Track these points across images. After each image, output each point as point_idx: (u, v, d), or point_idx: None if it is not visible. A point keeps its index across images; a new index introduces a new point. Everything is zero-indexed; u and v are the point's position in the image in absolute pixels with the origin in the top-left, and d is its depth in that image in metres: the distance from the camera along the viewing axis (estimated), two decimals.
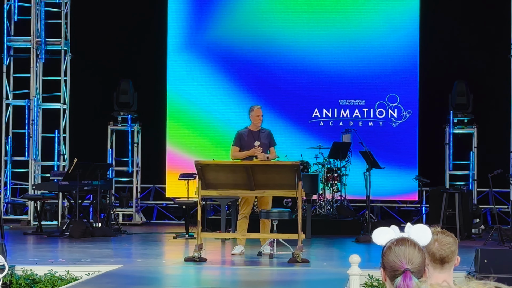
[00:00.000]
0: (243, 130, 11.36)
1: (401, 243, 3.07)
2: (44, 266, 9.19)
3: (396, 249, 3.04)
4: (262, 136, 11.26)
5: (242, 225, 11.03)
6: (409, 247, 3.05)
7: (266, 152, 11.20)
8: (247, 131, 11.31)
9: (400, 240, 3.08)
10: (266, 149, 11.22)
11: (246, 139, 11.24)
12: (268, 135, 11.33)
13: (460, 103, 15.05)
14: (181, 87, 15.73)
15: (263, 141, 11.22)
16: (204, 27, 15.75)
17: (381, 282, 8.16)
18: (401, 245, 3.05)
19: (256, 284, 8.98)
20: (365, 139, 13.78)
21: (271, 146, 11.28)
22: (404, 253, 3.02)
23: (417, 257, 3.04)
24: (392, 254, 3.04)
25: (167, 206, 16.31)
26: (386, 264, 3.06)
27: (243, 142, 11.27)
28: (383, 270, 3.10)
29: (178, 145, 15.68)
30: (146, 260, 10.35)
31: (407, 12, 15.36)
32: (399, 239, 3.08)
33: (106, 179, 14.03)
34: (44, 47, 15.49)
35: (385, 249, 3.08)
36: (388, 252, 3.06)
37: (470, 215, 13.33)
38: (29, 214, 15.32)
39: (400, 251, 3.03)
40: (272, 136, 11.38)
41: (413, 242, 3.07)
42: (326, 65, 15.47)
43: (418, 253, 3.04)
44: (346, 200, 14.57)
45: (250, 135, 11.26)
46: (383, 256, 3.09)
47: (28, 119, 15.46)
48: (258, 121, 11.28)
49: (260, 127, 11.33)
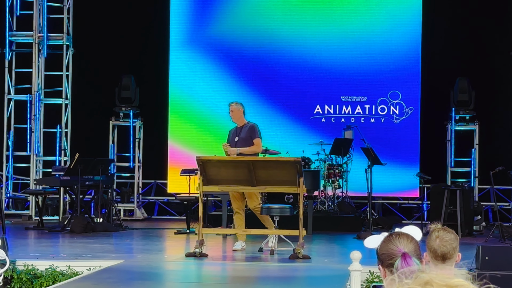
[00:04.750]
0: (233, 128, 11.40)
1: (393, 234, 3.13)
2: (45, 261, 9.20)
3: (391, 239, 3.10)
4: (243, 131, 11.22)
5: (237, 221, 11.03)
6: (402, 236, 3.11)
7: (249, 145, 11.11)
8: (235, 128, 11.34)
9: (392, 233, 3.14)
10: (248, 142, 11.13)
11: (231, 136, 11.29)
12: (250, 128, 11.18)
13: (462, 100, 15.03)
14: (183, 83, 15.73)
15: (243, 136, 11.16)
16: (206, 23, 15.74)
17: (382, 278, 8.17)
18: (394, 236, 3.11)
19: (257, 280, 8.98)
20: (366, 135, 13.78)
21: (253, 139, 11.17)
22: (399, 241, 3.08)
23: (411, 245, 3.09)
24: (387, 243, 3.09)
25: (169, 202, 16.32)
26: (382, 256, 3.08)
27: (229, 138, 11.31)
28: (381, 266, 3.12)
29: (180, 140, 15.68)
30: (147, 256, 10.35)
31: (409, 9, 15.35)
32: (390, 233, 3.15)
33: (108, 175, 14.03)
34: (46, 42, 15.49)
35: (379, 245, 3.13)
36: (383, 244, 3.11)
37: (472, 212, 13.33)
38: (31, 209, 15.33)
39: (394, 239, 3.09)
40: (254, 129, 11.14)
41: (405, 233, 3.13)
42: (328, 61, 15.46)
43: (411, 242, 3.10)
44: (347, 196, 14.57)
45: (235, 131, 11.29)
46: (378, 252, 3.12)
47: (30, 114, 15.47)
48: (231, 118, 11.28)
49: (245, 121, 11.25)
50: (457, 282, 2.06)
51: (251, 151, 11.00)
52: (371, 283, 8.36)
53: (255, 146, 11.10)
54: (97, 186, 13.47)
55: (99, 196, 13.51)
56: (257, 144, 11.13)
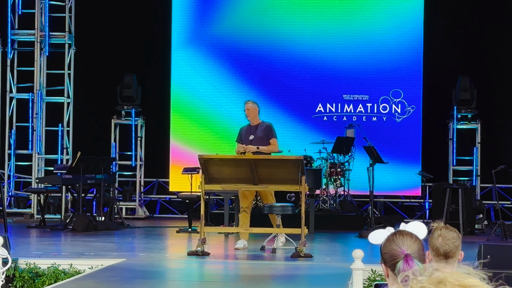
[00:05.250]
0: (245, 126, 11.37)
1: (397, 233, 3.09)
2: (47, 259, 9.20)
3: (394, 239, 3.07)
4: (259, 130, 11.21)
5: (242, 219, 11.02)
6: (406, 236, 3.07)
7: (264, 144, 11.13)
8: (248, 126, 11.31)
9: (396, 232, 3.11)
10: (263, 141, 11.15)
11: (244, 134, 11.26)
12: (266, 128, 11.23)
13: (464, 99, 15.02)
14: (185, 81, 15.73)
15: (259, 135, 11.16)
16: (208, 22, 15.74)
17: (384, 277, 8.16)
18: (398, 235, 3.08)
19: (259, 279, 8.98)
20: (368, 134, 13.77)
21: (269, 139, 11.20)
22: (403, 241, 3.04)
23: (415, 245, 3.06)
24: (390, 243, 3.07)
25: (170, 200, 16.32)
26: (385, 255, 3.07)
27: (241, 136, 11.29)
28: (384, 265, 3.10)
29: (182, 139, 15.68)
30: (149, 254, 10.36)
31: (411, 7, 15.34)
32: (395, 232, 3.11)
33: (110, 173, 14.04)
34: (48, 41, 15.50)
35: (383, 243, 3.10)
36: (386, 243, 3.08)
37: (474, 210, 13.32)
38: (33, 207, 15.33)
39: (398, 239, 3.05)
40: (271, 129, 11.23)
41: (409, 233, 3.09)
42: (330, 60, 15.46)
43: (415, 242, 3.07)
44: (349, 195, 14.57)
45: (248, 129, 11.27)
46: (381, 250, 3.10)
47: (32, 113, 15.47)
48: (246, 116, 11.27)
49: (259, 121, 11.27)
50: (471, 282, 2.02)
51: (269, 151, 11.06)
52: (373, 282, 8.36)
53: (272, 145, 11.17)
54: (99, 184, 13.47)
55: (101, 194, 13.52)
56: (274, 144, 11.20)
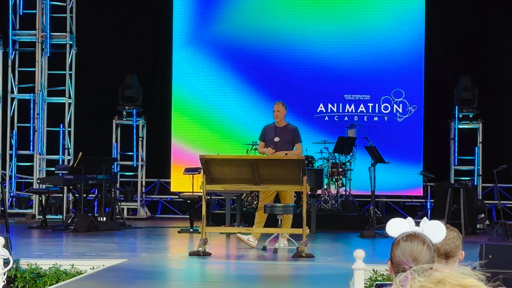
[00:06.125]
0: (270, 125, 11.38)
1: (410, 239, 2.98)
2: (49, 260, 9.20)
3: (404, 245, 2.97)
4: (284, 133, 11.22)
5: (258, 217, 11.04)
6: (418, 244, 2.96)
7: (289, 148, 11.17)
8: (274, 126, 11.32)
9: (410, 236, 2.99)
10: (289, 145, 11.20)
11: (268, 134, 11.28)
12: (292, 131, 11.26)
13: (466, 98, 15.01)
14: (186, 82, 15.73)
15: (285, 138, 11.18)
16: (209, 22, 15.74)
17: (385, 277, 8.16)
18: (409, 241, 2.96)
19: (260, 279, 8.98)
20: (370, 134, 13.77)
21: (295, 143, 11.25)
22: (411, 251, 2.94)
23: (424, 255, 2.96)
24: (399, 249, 2.99)
25: (172, 201, 16.32)
26: (393, 258, 3.02)
27: (266, 136, 11.31)
28: (390, 263, 3.06)
29: (183, 139, 15.68)
30: (151, 254, 10.36)
31: (412, 7, 15.34)
32: (409, 235, 3.00)
33: (111, 173, 14.04)
34: (49, 41, 15.50)
35: (394, 242, 3.04)
36: (396, 247, 3.01)
37: (475, 210, 13.32)
38: (34, 208, 15.34)
39: (407, 247, 2.95)
40: (297, 133, 11.27)
41: (422, 239, 2.97)
42: (331, 59, 15.45)
43: (426, 251, 2.96)
44: (350, 195, 14.57)
45: (273, 130, 11.28)
46: (391, 249, 3.05)
47: (33, 113, 15.47)
48: (274, 117, 11.28)
49: (286, 123, 11.29)
50: (470, 282, 2.01)
51: (296, 156, 11.02)
52: (374, 282, 8.35)
53: (298, 150, 11.21)
54: (100, 185, 13.47)
55: (103, 195, 13.52)
56: (299, 149, 11.25)
